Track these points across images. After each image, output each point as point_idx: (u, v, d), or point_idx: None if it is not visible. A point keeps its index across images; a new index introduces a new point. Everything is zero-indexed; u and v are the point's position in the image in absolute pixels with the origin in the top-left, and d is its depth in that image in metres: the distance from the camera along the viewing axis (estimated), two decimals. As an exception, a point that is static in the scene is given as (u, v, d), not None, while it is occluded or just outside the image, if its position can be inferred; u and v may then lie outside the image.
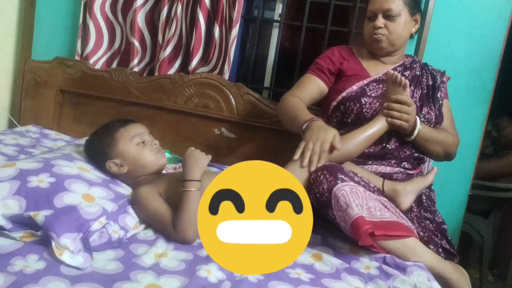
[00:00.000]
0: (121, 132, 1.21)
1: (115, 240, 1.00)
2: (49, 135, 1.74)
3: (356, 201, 1.06)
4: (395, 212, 1.18)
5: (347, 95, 1.40)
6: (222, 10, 1.76)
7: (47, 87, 1.87)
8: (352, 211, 1.04)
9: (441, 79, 1.46)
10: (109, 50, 1.92)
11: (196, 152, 1.19)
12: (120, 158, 1.19)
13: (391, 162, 1.35)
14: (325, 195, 1.09)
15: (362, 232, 1.01)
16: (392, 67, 1.44)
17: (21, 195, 0.99)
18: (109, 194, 1.11)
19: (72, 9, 1.92)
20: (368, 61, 1.47)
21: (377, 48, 1.43)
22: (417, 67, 1.47)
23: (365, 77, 1.42)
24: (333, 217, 1.10)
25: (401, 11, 1.37)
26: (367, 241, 1.03)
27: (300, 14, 1.87)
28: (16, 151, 1.46)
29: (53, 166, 1.10)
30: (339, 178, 1.09)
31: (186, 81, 1.80)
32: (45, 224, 0.91)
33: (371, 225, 1.03)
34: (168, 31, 1.79)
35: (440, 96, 1.42)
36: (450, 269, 1.14)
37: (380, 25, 1.37)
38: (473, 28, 1.72)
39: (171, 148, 1.79)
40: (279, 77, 1.98)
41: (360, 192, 1.09)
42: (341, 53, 1.49)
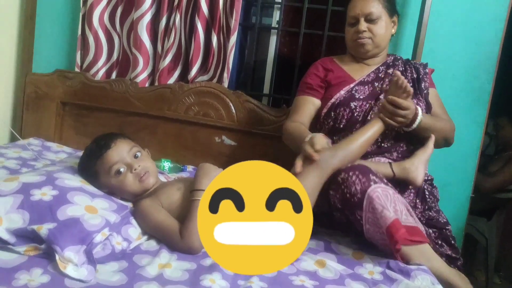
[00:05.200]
0: (98, 164, 1.16)
1: (119, 252, 1.00)
2: (51, 147, 1.75)
3: (387, 204, 1.09)
4: (415, 217, 1.20)
5: (336, 101, 1.42)
6: (219, 18, 1.78)
7: (48, 100, 1.88)
8: (389, 213, 1.07)
9: (423, 70, 1.48)
10: (108, 61, 1.93)
11: (207, 164, 1.21)
12: (106, 188, 1.18)
13: (393, 155, 1.36)
14: (358, 195, 1.11)
15: (399, 236, 1.04)
16: (375, 68, 1.47)
17: (24, 208, 0.99)
18: (112, 205, 1.11)
19: (71, 22, 1.94)
20: (351, 66, 1.51)
21: (363, 51, 1.46)
22: (399, 64, 1.49)
23: (351, 82, 1.45)
24: (359, 218, 1.12)
25: (381, 14, 1.42)
26: (402, 244, 1.05)
27: (298, 20, 1.88)
28: (19, 165, 1.46)
29: (56, 179, 1.10)
30: (371, 179, 1.11)
31: (186, 90, 1.81)
32: (49, 237, 0.92)
33: (405, 228, 1.05)
34: (167, 41, 1.80)
35: (424, 86, 1.45)
36: (457, 276, 1.15)
37: (364, 28, 1.41)
38: (469, 31, 1.73)
39: (172, 157, 1.80)
40: (279, 83, 1.98)
41: (390, 195, 1.12)
42: (324, 66, 1.52)
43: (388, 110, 1.27)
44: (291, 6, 1.99)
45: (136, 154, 1.20)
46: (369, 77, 1.46)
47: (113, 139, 1.19)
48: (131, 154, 1.19)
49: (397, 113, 1.26)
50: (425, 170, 1.31)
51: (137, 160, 1.19)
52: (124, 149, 1.18)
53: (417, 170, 1.27)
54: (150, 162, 1.24)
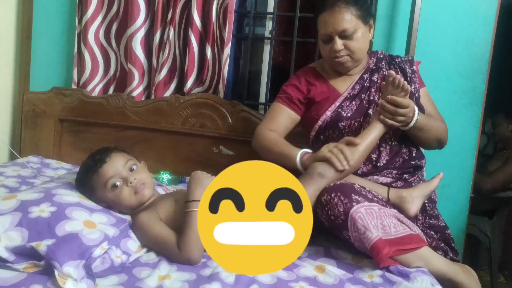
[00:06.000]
0: (94, 179, 1.17)
1: (118, 265, 1.01)
2: (50, 164, 1.76)
3: (373, 222, 1.08)
4: (408, 223, 1.19)
5: (324, 123, 1.38)
6: (213, 31, 1.80)
7: (46, 117, 1.90)
8: (371, 234, 1.05)
9: (411, 69, 1.43)
10: (105, 77, 1.95)
11: (199, 173, 1.20)
12: (104, 202, 1.18)
13: (393, 173, 1.35)
14: (341, 217, 1.10)
15: (383, 256, 1.03)
16: (359, 77, 1.41)
17: (23, 226, 1.00)
18: (110, 219, 1.11)
19: (67, 40, 1.96)
20: (335, 77, 1.43)
21: (343, 69, 1.40)
22: (383, 65, 1.43)
23: (336, 98, 1.40)
24: (347, 237, 1.11)
25: (356, 26, 1.30)
26: (388, 263, 1.05)
27: (290, 29, 1.91)
28: (18, 183, 1.47)
29: (54, 195, 1.11)
30: (353, 199, 1.10)
31: (182, 102, 1.83)
32: (47, 253, 0.92)
33: (388, 244, 1.05)
34: (162, 55, 1.83)
35: (415, 89, 1.40)
36: (460, 272, 1.15)
37: (340, 47, 1.31)
38: (460, 32, 1.75)
39: (171, 169, 1.80)
40: (274, 92, 1.99)
41: (375, 212, 1.10)
42: (307, 78, 1.44)
43: (389, 110, 1.24)
44: (283, 16, 2.02)
45: (132, 167, 1.20)
46: (354, 90, 1.39)
47: (108, 153, 1.20)
48: (126, 167, 1.19)
49: (399, 113, 1.24)
50: (421, 204, 1.28)
51: (133, 173, 1.19)
52: (120, 163, 1.19)
53: (413, 201, 1.25)
54: (146, 174, 1.24)
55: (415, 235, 1.15)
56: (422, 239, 1.16)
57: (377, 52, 1.49)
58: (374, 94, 1.39)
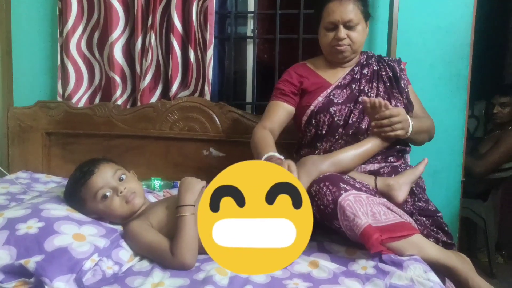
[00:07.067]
0: (83, 192, 1.16)
1: (110, 276, 1.00)
2: (40, 178, 1.75)
3: (362, 210, 1.09)
4: (398, 211, 1.20)
5: (315, 108, 1.42)
6: (194, 33, 1.80)
7: (32, 132, 1.89)
8: (360, 220, 1.06)
9: (399, 67, 1.49)
10: (90, 87, 1.94)
11: (189, 178, 1.20)
12: (94, 214, 1.18)
13: (378, 158, 1.37)
14: (330, 206, 1.11)
15: (373, 241, 1.04)
16: (350, 69, 1.47)
17: (10, 244, 0.98)
18: (100, 231, 1.11)
19: (49, 52, 1.95)
20: (326, 70, 1.50)
21: (341, 57, 1.45)
22: (373, 62, 1.49)
23: (328, 87, 1.45)
24: (338, 227, 1.12)
25: (359, 19, 1.40)
26: (379, 248, 1.05)
27: (273, 27, 1.91)
28: (7, 200, 1.46)
29: (41, 210, 1.10)
30: (342, 188, 1.11)
31: (168, 107, 1.82)
32: (37, 270, 0.91)
33: (378, 230, 1.06)
34: (145, 61, 1.82)
35: (404, 85, 1.45)
36: (454, 258, 1.15)
37: (344, 36, 1.39)
38: (441, 19, 1.76)
39: (162, 175, 1.80)
40: (261, 90, 2.00)
41: (363, 199, 1.12)
42: (298, 72, 1.50)
43: (385, 125, 1.28)
44: (265, 14, 2.01)
45: (121, 177, 1.19)
46: (345, 80, 1.45)
47: (96, 164, 1.19)
48: (115, 177, 1.18)
49: (394, 121, 1.27)
50: (408, 191, 1.29)
51: (123, 182, 1.19)
52: (108, 173, 1.18)
53: (400, 189, 1.26)
54: (136, 183, 1.23)
55: (407, 222, 1.16)
56: (413, 226, 1.17)
57: (366, 52, 1.56)
58: (365, 85, 1.44)
